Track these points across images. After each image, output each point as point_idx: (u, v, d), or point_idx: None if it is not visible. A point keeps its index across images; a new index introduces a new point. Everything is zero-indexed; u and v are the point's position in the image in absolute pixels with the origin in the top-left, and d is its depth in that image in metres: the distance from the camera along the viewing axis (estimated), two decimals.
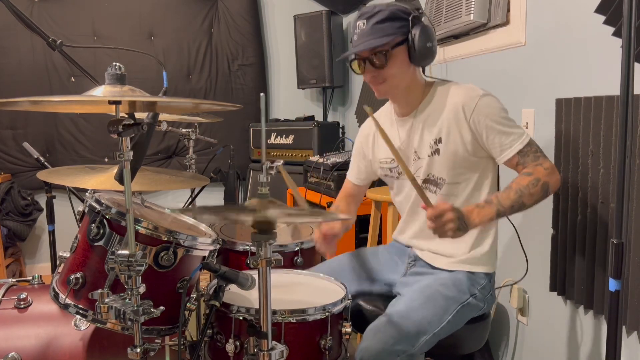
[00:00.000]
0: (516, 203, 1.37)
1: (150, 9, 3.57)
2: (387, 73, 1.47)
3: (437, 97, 1.51)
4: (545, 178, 1.39)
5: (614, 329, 1.16)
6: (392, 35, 1.42)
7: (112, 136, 1.06)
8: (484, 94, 1.44)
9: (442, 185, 1.51)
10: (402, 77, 1.49)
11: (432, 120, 1.50)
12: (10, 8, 1.46)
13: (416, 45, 1.43)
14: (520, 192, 1.38)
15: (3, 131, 3.42)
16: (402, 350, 1.33)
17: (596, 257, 1.56)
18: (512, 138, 1.42)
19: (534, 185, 1.38)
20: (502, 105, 1.46)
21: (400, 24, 1.43)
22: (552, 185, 1.40)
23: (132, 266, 1.09)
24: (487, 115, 1.42)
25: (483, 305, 1.51)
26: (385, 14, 1.42)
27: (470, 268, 1.50)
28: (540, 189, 1.38)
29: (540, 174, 1.39)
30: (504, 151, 1.44)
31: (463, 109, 1.43)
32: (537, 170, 1.40)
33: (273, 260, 1.10)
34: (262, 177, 1.16)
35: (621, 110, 1.09)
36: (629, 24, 1.06)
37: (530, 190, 1.38)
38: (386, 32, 1.42)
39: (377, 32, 1.42)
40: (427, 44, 1.43)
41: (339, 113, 3.95)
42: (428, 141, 1.51)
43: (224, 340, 1.32)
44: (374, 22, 1.43)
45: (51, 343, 1.40)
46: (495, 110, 1.43)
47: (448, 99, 1.48)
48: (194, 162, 2.24)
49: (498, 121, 1.43)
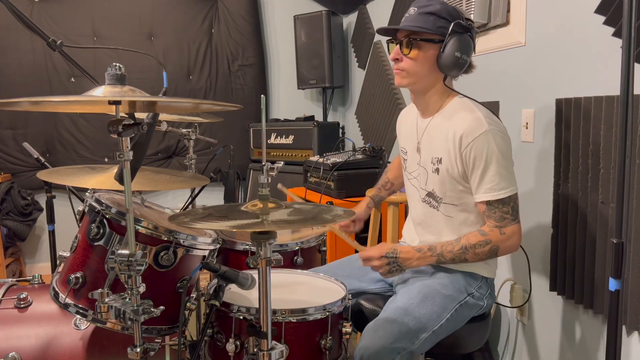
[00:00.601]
0: (457, 258, 1.42)
1: (150, 9, 3.57)
2: (409, 63, 1.45)
3: (450, 112, 1.47)
4: (498, 243, 1.39)
5: (614, 328, 1.16)
6: (429, 29, 1.41)
7: (112, 136, 1.06)
8: (488, 130, 1.37)
9: (440, 203, 1.51)
10: (424, 76, 1.46)
11: (439, 135, 1.48)
12: (10, 8, 1.45)
13: (446, 50, 1.40)
14: (465, 249, 1.41)
15: (3, 131, 3.42)
16: (402, 348, 1.33)
17: (596, 257, 1.56)
18: (489, 186, 1.38)
19: (481, 246, 1.40)
20: (504, 146, 1.39)
21: (443, 23, 1.41)
22: (502, 250, 1.41)
23: (132, 266, 1.09)
24: (479, 153, 1.37)
25: (483, 304, 1.51)
26: (435, 7, 1.42)
27: (467, 270, 1.51)
28: (488, 250, 1.40)
29: (494, 238, 1.39)
30: (476, 193, 1.42)
31: (461, 138, 1.40)
32: (492, 233, 1.40)
33: (273, 260, 1.10)
34: (263, 178, 1.16)
35: (621, 110, 1.09)
36: (629, 24, 1.06)
37: (475, 250, 1.40)
38: (425, 23, 1.42)
39: (418, 20, 1.43)
40: (456, 53, 1.39)
41: (339, 113, 3.95)
42: (431, 156, 1.50)
43: (224, 339, 1.32)
44: (421, 11, 1.43)
45: (51, 343, 1.40)
46: (490, 150, 1.37)
47: (455, 122, 1.43)
48: (194, 162, 2.24)
49: (487, 161, 1.37)
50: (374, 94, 3.28)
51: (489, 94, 2.06)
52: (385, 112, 3.12)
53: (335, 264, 1.78)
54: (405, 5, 2.75)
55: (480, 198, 1.41)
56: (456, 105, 1.48)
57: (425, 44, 1.43)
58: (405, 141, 1.65)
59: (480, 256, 1.41)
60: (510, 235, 1.39)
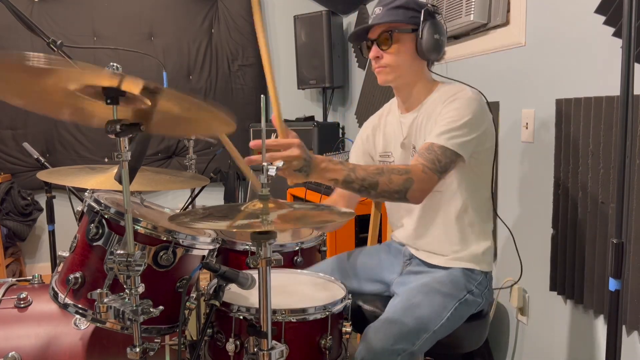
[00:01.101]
0: (370, 178, 1.28)
1: (150, 9, 3.57)
2: (390, 58, 1.48)
3: (437, 96, 1.51)
4: (415, 178, 1.31)
5: (614, 328, 1.16)
6: (402, 20, 1.45)
7: (110, 136, 1.06)
8: (470, 96, 1.42)
9: None
10: (408, 67, 1.50)
11: (429, 120, 1.50)
12: (10, 8, 1.45)
13: (424, 36, 1.44)
14: (382, 171, 1.30)
15: (3, 131, 3.43)
16: (403, 349, 1.33)
17: (596, 257, 1.56)
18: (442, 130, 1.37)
19: (399, 172, 1.31)
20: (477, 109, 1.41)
21: (413, 13, 1.46)
22: (414, 190, 1.31)
23: (130, 266, 1.09)
24: (451, 104, 1.41)
25: (481, 301, 1.51)
26: (401, 2, 1.46)
27: (465, 265, 1.50)
28: (403, 181, 1.30)
29: (415, 171, 1.32)
30: (431, 134, 1.40)
31: (445, 100, 1.44)
32: (416, 167, 1.33)
33: (273, 260, 1.10)
34: (263, 178, 1.16)
35: (621, 110, 1.09)
36: (629, 24, 1.06)
37: (391, 175, 1.29)
38: (397, 16, 1.46)
39: (388, 15, 1.46)
40: (434, 35, 1.44)
41: (339, 113, 3.95)
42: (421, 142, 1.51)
43: (224, 339, 1.32)
44: (389, 7, 1.47)
45: (51, 342, 1.40)
46: (461, 106, 1.39)
47: (442, 95, 1.48)
48: (194, 162, 2.23)
49: (454, 114, 1.39)
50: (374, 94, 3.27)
51: (489, 94, 2.04)
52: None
53: (333, 260, 1.76)
54: None
55: (430, 137, 1.39)
56: (445, 87, 1.52)
57: (402, 35, 1.47)
58: (387, 144, 1.65)
59: (392, 185, 1.29)
60: (428, 179, 1.33)
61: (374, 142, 1.70)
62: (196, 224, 1.11)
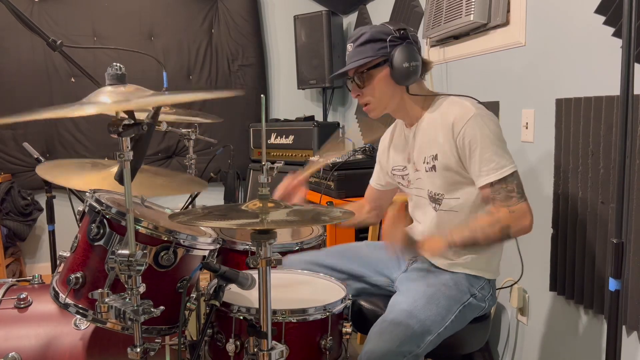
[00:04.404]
0: (469, 241, 1.35)
1: (150, 9, 3.57)
2: (369, 94, 1.51)
3: (436, 111, 1.50)
4: (508, 221, 1.34)
5: (614, 328, 1.16)
6: (370, 57, 1.46)
7: (112, 136, 1.06)
8: (476, 113, 1.40)
9: (441, 200, 1.50)
10: (389, 98, 1.51)
11: (430, 134, 1.49)
12: (10, 8, 1.46)
13: (395, 66, 1.44)
14: (475, 231, 1.35)
15: (3, 131, 3.42)
16: (408, 351, 1.33)
17: (596, 257, 1.56)
18: (490, 167, 1.37)
19: (491, 226, 1.35)
20: (495, 127, 1.41)
21: (380, 45, 1.46)
22: (514, 230, 1.35)
23: (132, 266, 1.09)
24: (473, 136, 1.38)
25: (485, 305, 1.51)
26: (366, 37, 1.47)
27: (469, 272, 1.51)
28: (499, 231, 1.34)
29: (502, 217, 1.34)
30: (478, 178, 1.40)
31: (453, 126, 1.41)
32: (500, 212, 1.35)
33: (273, 260, 1.10)
34: (263, 178, 1.16)
35: (621, 110, 1.09)
36: (629, 24, 1.06)
37: (485, 231, 1.34)
38: (365, 54, 1.47)
39: (358, 54, 1.48)
40: (404, 64, 1.43)
41: (339, 113, 3.95)
42: (424, 155, 1.51)
43: (224, 339, 1.32)
44: (356, 45, 1.48)
45: (51, 343, 1.40)
46: (483, 133, 1.38)
47: (443, 115, 1.46)
48: (194, 162, 2.24)
49: (483, 145, 1.37)
50: None
51: (489, 94, 2.06)
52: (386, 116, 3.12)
53: (340, 248, 1.78)
54: (405, 5, 2.75)
55: (482, 182, 1.38)
56: (441, 102, 1.51)
57: (374, 71, 1.48)
58: (397, 158, 1.66)
59: (492, 238, 1.35)
60: (521, 213, 1.35)
61: (387, 156, 1.71)
62: (196, 223, 1.11)
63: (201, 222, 1.21)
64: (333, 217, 1.27)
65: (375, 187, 1.80)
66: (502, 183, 1.37)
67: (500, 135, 1.42)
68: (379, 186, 1.78)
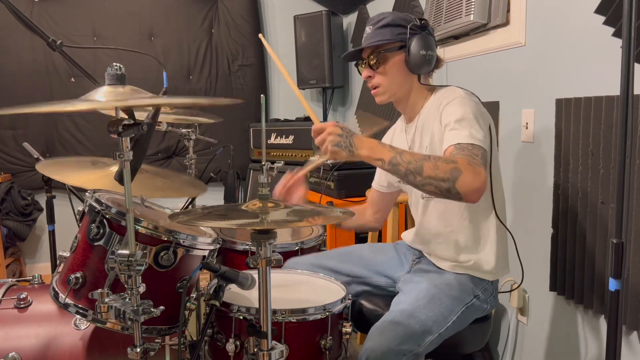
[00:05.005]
0: (415, 163, 1.23)
1: (150, 9, 3.57)
2: (381, 78, 1.51)
3: (432, 102, 1.52)
4: (462, 168, 1.21)
5: (614, 328, 1.16)
6: (389, 39, 1.47)
7: (112, 136, 1.06)
8: (463, 96, 1.41)
9: None
10: (399, 84, 1.52)
11: (427, 125, 1.51)
12: (10, 8, 1.46)
13: (411, 52, 1.46)
14: (428, 158, 1.25)
15: (3, 131, 3.42)
16: (409, 350, 1.33)
17: (596, 257, 1.56)
18: (463, 133, 1.32)
19: (445, 161, 1.24)
20: (476, 107, 1.39)
21: (400, 30, 1.47)
22: (462, 180, 1.20)
23: (132, 266, 1.09)
24: (455, 110, 1.37)
25: (487, 306, 1.51)
26: (387, 20, 1.48)
27: (473, 273, 1.51)
28: (450, 169, 1.21)
29: (460, 161, 1.24)
30: (447, 140, 1.34)
31: (440, 105, 1.44)
32: (461, 159, 1.25)
33: (273, 260, 1.10)
34: (263, 178, 1.16)
35: (621, 110, 1.09)
36: (629, 24, 1.06)
37: (438, 162, 1.23)
38: (384, 36, 1.48)
39: (376, 35, 1.49)
40: (421, 51, 1.45)
41: (339, 113, 3.95)
42: (424, 147, 1.52)
43: (224, 339, 1.32)
44: (376, 27, 1.49)
45: (51, 343, 1.40)
46: (465, 110, 1.36)
47: (437, 100, 1.48)
48: (194, 162, 2.24)
49: (459, 119, 1.34)
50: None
51: (489, 94, 2.06)
52: (385, 112, 3.12)
53: (341, 251, 1.78)
54: (405, 5, 2.75)
55: (450, 141, 1.32)
56: (438, 94, 1.51)
57: (390, 54, 1.49)
58: None
59: (439, 171, 1.21)
60: (477, 172, 1.22)
61: None
62: (196, 223, 1.11)
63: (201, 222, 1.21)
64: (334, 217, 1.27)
65: (377, 189, 1.80)
66: (469, 146, 1.29)
67: (482, 118, 1.38)
68: (381, 187, 1.78)
